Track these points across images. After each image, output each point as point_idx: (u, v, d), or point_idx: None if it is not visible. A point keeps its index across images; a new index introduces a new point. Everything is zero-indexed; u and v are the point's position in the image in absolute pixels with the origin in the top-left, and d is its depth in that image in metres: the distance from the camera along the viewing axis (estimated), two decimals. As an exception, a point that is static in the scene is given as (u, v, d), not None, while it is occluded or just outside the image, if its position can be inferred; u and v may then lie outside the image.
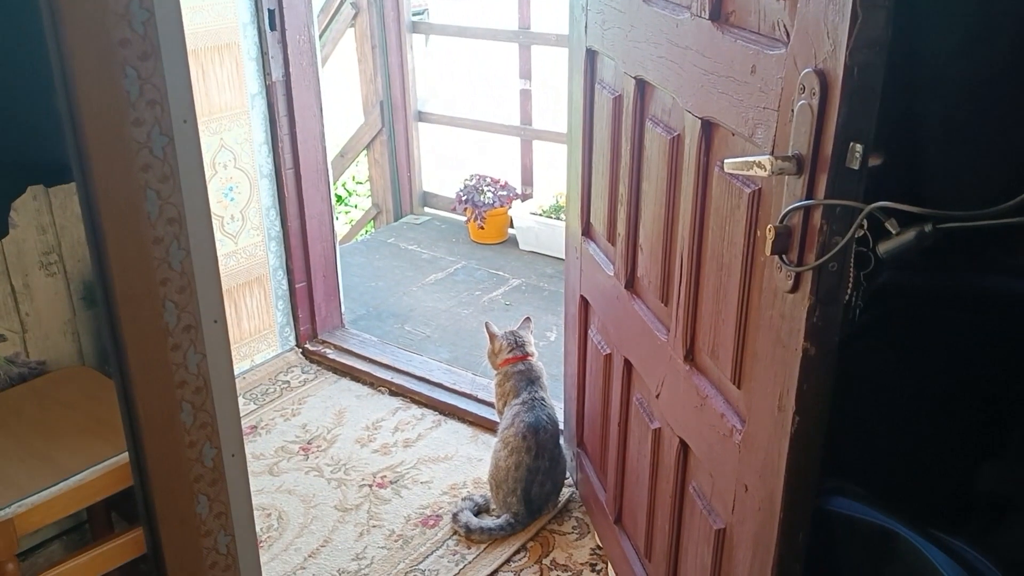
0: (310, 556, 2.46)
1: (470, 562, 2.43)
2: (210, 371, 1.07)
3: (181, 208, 0.99)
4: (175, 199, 0.99)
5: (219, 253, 3.07)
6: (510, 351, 2.68)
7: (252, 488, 2.71)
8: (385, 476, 2.79)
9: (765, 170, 1.21)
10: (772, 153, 1.26)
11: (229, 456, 1.11)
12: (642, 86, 1.82)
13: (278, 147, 3.21)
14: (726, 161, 1.33)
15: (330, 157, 3.57)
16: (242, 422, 3.05)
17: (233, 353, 3.27)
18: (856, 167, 1.13)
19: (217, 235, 3.11)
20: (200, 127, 2.93)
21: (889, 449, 1.52)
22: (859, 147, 1.13)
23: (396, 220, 4.98)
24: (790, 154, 1.20)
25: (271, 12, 3.07)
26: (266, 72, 3.12)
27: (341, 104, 6.21)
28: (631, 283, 2.01)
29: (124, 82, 0.98)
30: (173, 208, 0.99)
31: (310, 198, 3.34)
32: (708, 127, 1.52)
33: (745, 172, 1.28)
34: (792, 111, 1.20)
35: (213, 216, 3.06)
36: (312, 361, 3.45)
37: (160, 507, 1.10)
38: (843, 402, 1.34)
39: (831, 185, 1.16)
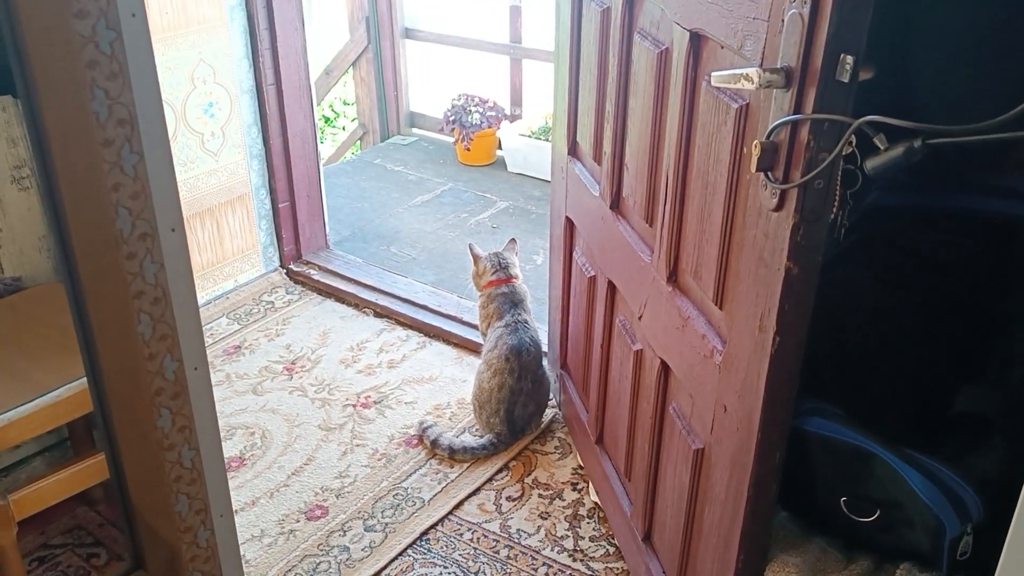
0: (293, 474, 2.48)
1: (452, 480, 2.45)
2: (169, 281, 1.03)
3: (132, 108, 0.94)
4: (125, 99, 0.93)
5: (200, 171, 3.06)
6: (494, 273, 2.66)
7: (236, 407, 2.73)
8: (369, 396, 2.79)
9: (753, 82, 1.17)
10: (760, 66, 1.21)
11: (192, 369, 1.08)
12: (631, -3, 1.75)
13: (259, 62, 3.12)
14: (713, 74, 1.29)
15: (315, 75, 3.47)
16: (226, 342, 3.05)
17: (216, 273, 3.26)
18: (846, 80, 1.09)
19: (197, 152, 3.04)
20: (177, 40, 2.87)
21: (868, 370, 1.52)
22: (850, 59, 1.08)
23: (383, 141, 4.89)
24: (779, 66, 1.16)
25: (249, -82, 2.95)
26: (245, -18, 3.01)
27: (326, 20, 6.04)
28: (616, 203, 1.97)
29: (62, -31, 0.90)
30: (123, 108, 0.93)
31: (292, 115, 3.27)
32: (697, 39, 1.47)
33: (732, 85, 1.24)
34: (782, 21, 1.15)
35: (193, 133, 3.00)
36: (296, 282, 3.43)
37: (119, 421, 1.08)
38: (823, 323, 1.33)
39: (820, 99, 1.12)
